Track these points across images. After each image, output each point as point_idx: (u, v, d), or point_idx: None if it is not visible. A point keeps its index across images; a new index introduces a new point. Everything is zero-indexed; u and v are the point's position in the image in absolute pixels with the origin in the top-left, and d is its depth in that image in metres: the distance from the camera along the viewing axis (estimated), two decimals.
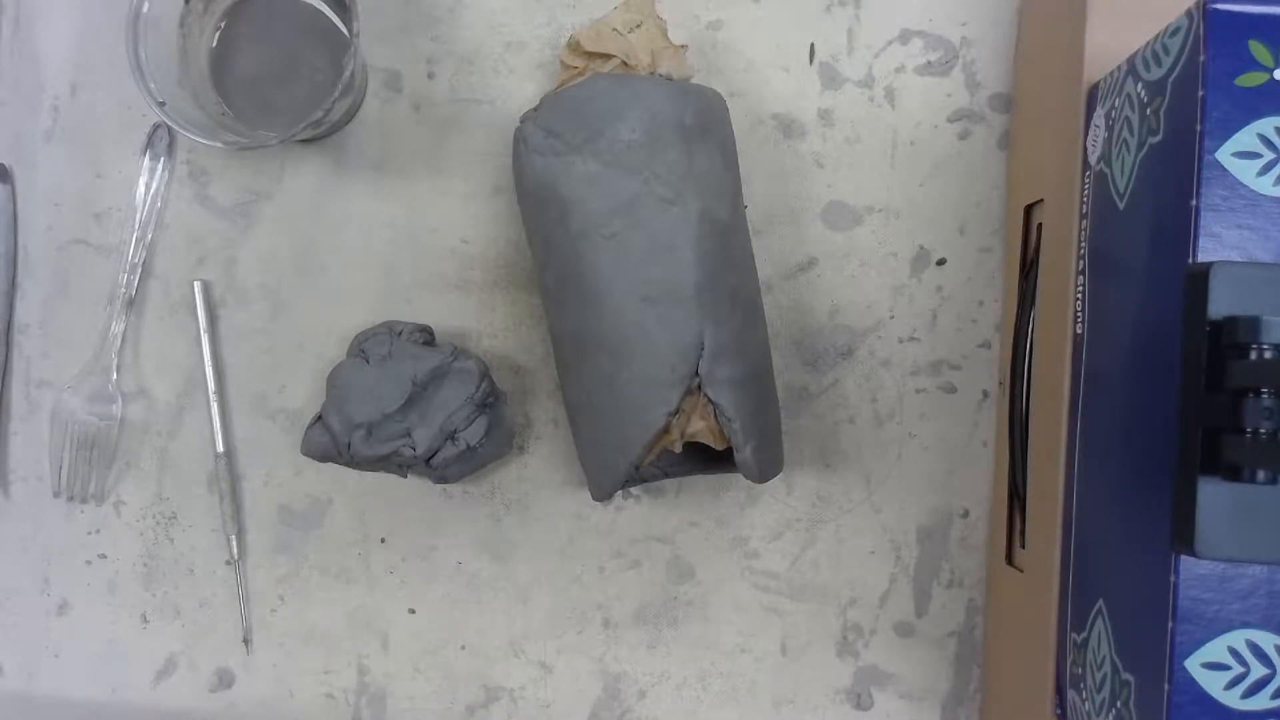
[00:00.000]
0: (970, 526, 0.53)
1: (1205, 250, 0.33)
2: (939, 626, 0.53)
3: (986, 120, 0.52)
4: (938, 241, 0.53)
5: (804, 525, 0.53)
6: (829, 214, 0.53)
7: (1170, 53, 0.36)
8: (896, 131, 0.53)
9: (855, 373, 0.53)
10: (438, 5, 0.53)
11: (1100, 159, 0.41)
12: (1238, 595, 0.33)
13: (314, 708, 0.54)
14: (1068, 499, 0.43)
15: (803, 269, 0.53)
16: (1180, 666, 0.33)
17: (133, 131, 0.53)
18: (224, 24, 0.50)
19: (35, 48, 0.54)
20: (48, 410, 0.54)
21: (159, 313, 0.54)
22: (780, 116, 0.53)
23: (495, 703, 0.54)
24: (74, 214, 0.54)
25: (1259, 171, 0.33)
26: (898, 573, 0.53)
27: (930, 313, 0.53)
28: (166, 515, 0.54)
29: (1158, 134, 0.36)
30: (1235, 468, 0.31)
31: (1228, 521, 0.32)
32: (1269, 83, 0.33)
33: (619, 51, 0.48)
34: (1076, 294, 0.42)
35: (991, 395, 0.53)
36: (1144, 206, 0.37)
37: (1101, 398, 0.40)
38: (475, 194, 0.53)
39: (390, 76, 0.53)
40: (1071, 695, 0.41)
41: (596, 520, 0.53)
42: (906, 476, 0.53)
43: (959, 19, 0.52)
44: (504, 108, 0.53)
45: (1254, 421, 0.31)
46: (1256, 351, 0.31)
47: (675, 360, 0.44)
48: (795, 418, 0.53)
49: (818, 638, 0.53)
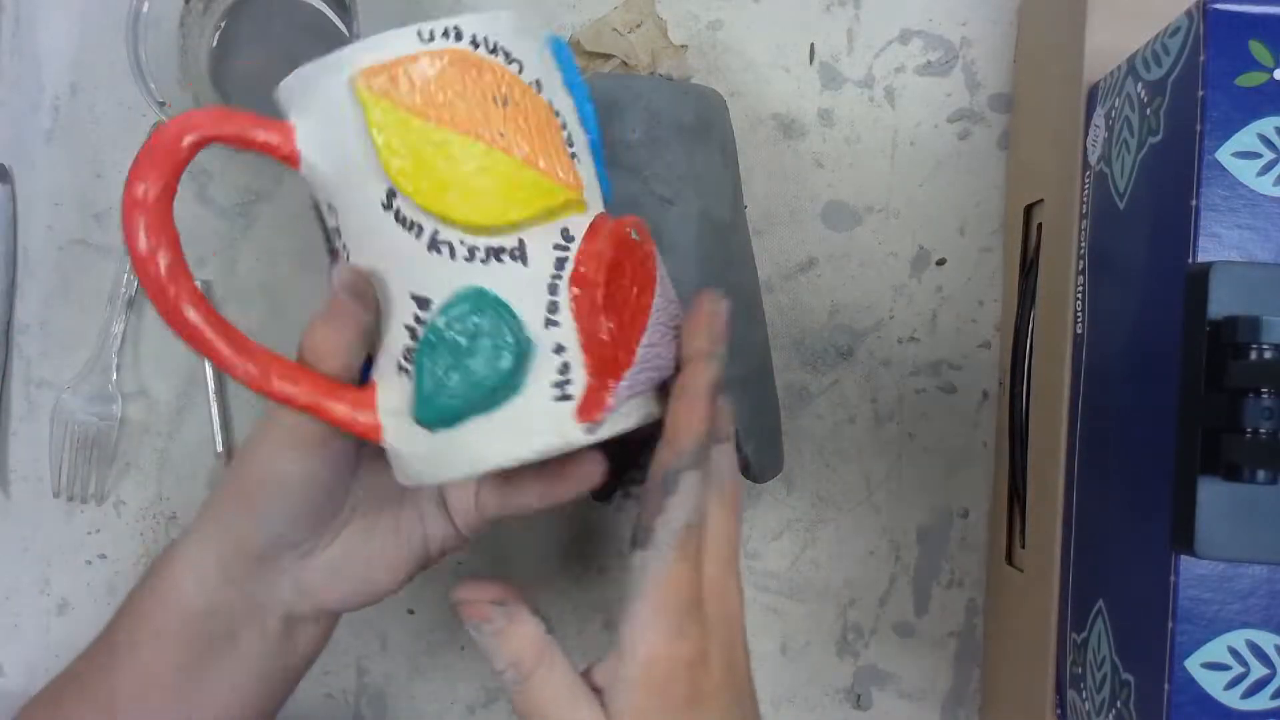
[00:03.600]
0: (970, 526, 0.53)
1: (1205, 250, 0.33)
2: (939, 626, 0.53)
3: (986, 120, 0.52)
4: (938, 241, 0.53)
5: (804, 525, 0.53)
6: (829, 214, 0.53)
7: (1170, 53, 0.36)
8: (896, 131, 0.53)
9: (855, 373, 0.53)
10: (438, 5, 0.53)
11: (1100, 159, 0.41)
12: (1238, 595, 0.33)
13: (314, 708, 0.54)
14: (1068, 499, 0.43)
15: (803, 269, 0.53)
16: (1180, 666, 0.33)
17: (133, 131, 0.53)
18: (224, 24, 0.50)
19: (35, 48, 0.54)
20: (48, 410, 0.54)
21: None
22: (780, 116, 0.53)
23: (495, 703, 0.54)
24: (74, 214, 0.54)
25: (1259, 171, 0.33)
26: (898, 573, 0.53)
27: (930, 313, 0.53)
28: (166, 515, 0.54)
29: (1158, 134, 0.36)
30: (1235, 468, 0.31)
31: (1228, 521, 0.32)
32: (1269, 83, 0.33)
33: (619, 51, 0.48)
34: (1076, 294, 0.42)
35: (991, 395, 0.53)
36: (1144, 206, 0.37)
37: (1101, 398, 0.40)
38: None
39: None
40: (1071, 695, 0.41)
41: (596, 520, 0.53)
42: (906, 476, 0.53)
43: (959, 19, 0.52)
44: None
45: (1254, 421, 0.31)
46: (1256, 351, 0.31)
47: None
48: (795, 418, 0.53)
49: (817, 638, 0.53)
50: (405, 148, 0.31)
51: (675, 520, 0.32)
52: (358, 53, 0.31)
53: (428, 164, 0.31)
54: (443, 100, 0.31)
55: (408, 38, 0.31)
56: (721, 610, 0.33)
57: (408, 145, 0.31)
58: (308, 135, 0.33)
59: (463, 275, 0.32)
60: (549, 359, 0.32)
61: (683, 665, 0.32)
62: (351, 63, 0.31)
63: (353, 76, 0.31)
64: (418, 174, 0.31)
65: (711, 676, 0.33)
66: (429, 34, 0.31)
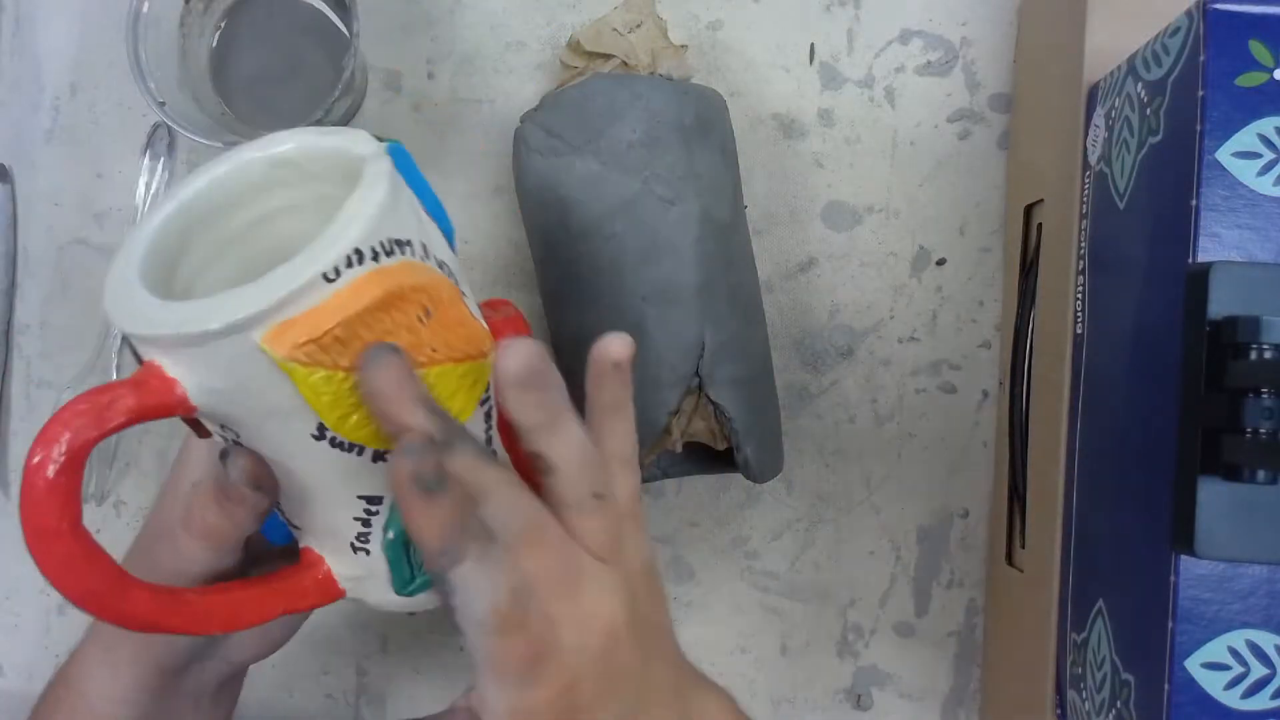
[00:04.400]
0: (970, 526, 0.53)
1: (1205, 250, 0.33)
2: (939, 626, 0.53)
3: (986, 120, 0.52)
4: (938, 241, 0.53)
5: (804, 525, 0.53)
6: (829, 214, 0.53)
7: (1170, 53, 0.36)
8: (896, 131, 0.53)
9: (855, 373, 0.53)
10: (438, 5, 0.53)
11: (1100, 159, 0.41)
12: (1238, 595, 0.33)
13: (314, 708, 0.54)
14: (1068, 499, 0.43)
15: (803, 269, 0.53)
16: (1180, 666, 0.33)
17: (133, 131, 0.53)
18: (224, 24, 0.50)
19: (35, 48, 0.54)
20: (48, 410, 0.53)
21: None
22: (780, 116, 0.53)
23: None
24: (74, 214, 0.54)
25: (1259, 171, 0.33)
26: (898, 573, 0.53)
27: (930, 313, 0.53)
28: None
29: (1158, 134, 0.36)
30: (1235, 468, 0.31)
31: (1227, 521, 0.32)
32: (1269, 83, 0.33)
33: (619, 51, 0.48)
34: (1076, 294, 0.42)
35: (991, 395, 0.53)
36: (1144, 206, 0.37)
37: (1101, 398, 0.40)
38: (475, 194, 0.53)
39: (390, 76, 0.53)
40: (1071, 695, 0.41)
41: None
42: (906, 476, 0.53)
43: (959, 19, 0.52)
44: (504, 108, 0.53)
45: (1254, 421, 0.31)
46: (1256, 351, 0.31)
47: (675, 360, 0.44)
48: (795, 418, 0.53)
49: (817, 638, 0.53)
50: (347, 405, 0.28)
51: (472, 612, 0.30)
52: (260, 313, 0.26)
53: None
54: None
55: (313, 286, 0.27)
56: (579, 633, 0.32)
57: (349, 402, 0.28)
58: (202, 388, 0.28)
59: None
60: None
61: (543, 709, 0.31)
62: (254, 325, 0.27)
63: (261, 342, 0.27)
64: (362, 424, 0.29)
65: (584, 691, 0.32)
66: (334, 271, 0.27)
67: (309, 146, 0.32)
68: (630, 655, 0.33)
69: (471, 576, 0.30)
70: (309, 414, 0.28)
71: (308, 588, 0.33)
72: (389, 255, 0.28)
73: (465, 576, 0.29)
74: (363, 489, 0.31)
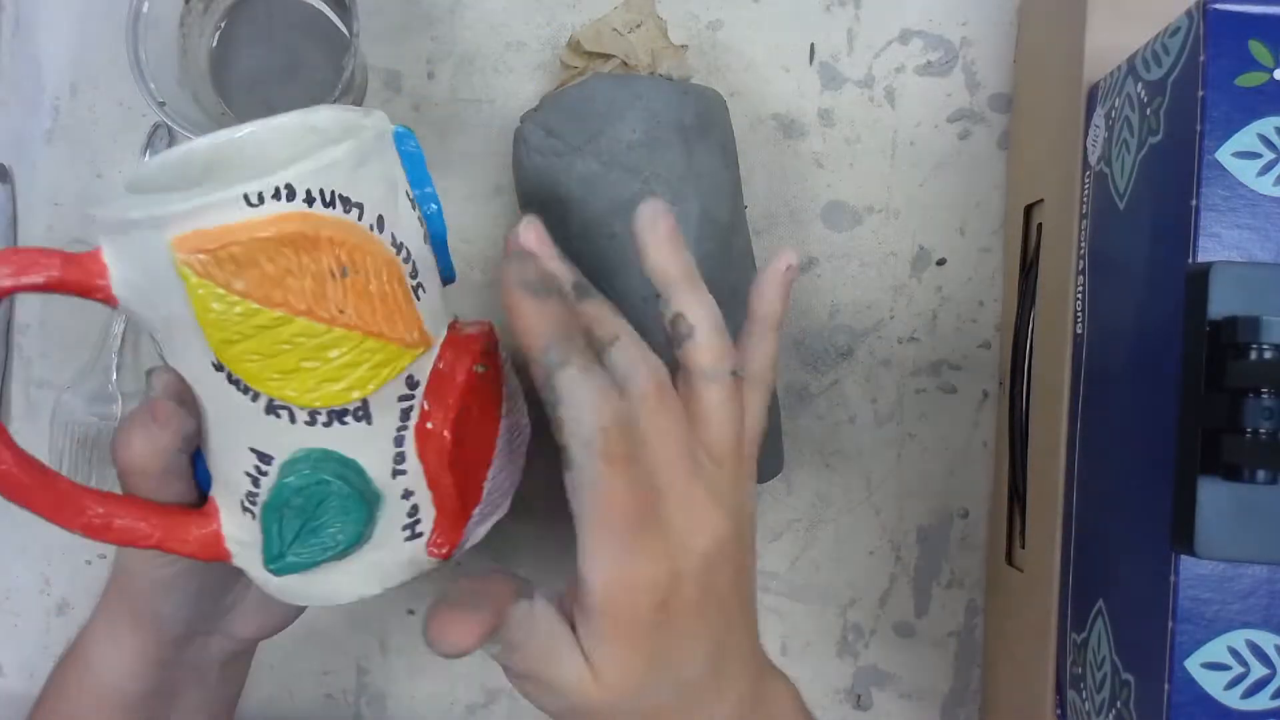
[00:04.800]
0: (970, 526, 0.53)
1: (1205, 250, 0.33)
2: (939, 626, 0.53)
3: (986, 120, 0.52)
4: (938, 241, 0.53)
5: (804, 525, 0.53)
6: (829, 214, 0.53)
7: (1170, 53, 0.36)
8: (896, 131, 0.53)
9: (855, 373, 0.53)
10: (438, 5, 0.53)
11: (1100, 159, 0.41)
12: (1238, 595, 0.33)
13: (314, 708, 0.54)
14: (1068, 499, 0.43)
15: (803, 269, 0.53)
16: (1180, 666, 0.33)
17: (133, 131, 0.53)
18: (224, 24, 0.50)
19: (35, 48, 0.54)
20: (48, 410, 0.53)
21: None
22: (780, 116, 0.53)
23: (495, 703, 0.54)
24: (74, 214, 0.54)
25: (1259, 171, 0.33)
26: (898, 573, 0.53)
27: (930, 313, 0.53)
28: None
29: (1158, 134, 0.36)
30: (1235, 468, 0.31)
31: (1228, 521, 0.32)
32: (1269, 83, 0.33)
33: (619, 51, 0.48)
34: (1076, 294, 0.42)
35: (991, 395, 0.53)
36: (1144, 206, 0.37)
37: (1101, 398, 0.40)
38: (475, 194, 0.53)
39: (390, 76, 0.53)
40: (1071, 695, 0.41)
41: None
42: (906, 476, 0.53)
43: (959, 19, 0.52)
44: (504, 108, 0.53)
45: (1254, 421, 0.31)
46: (1256, 351, 0.31)
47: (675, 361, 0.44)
48: (795, 418, 0.53)
49: (818, 638, 0.53)
50: (234, 331, 0.28)
51: (580, 428, 0.28)
52: (177, 214, 0.27)
53: (259, 348, 0.28)
54: (274, 280, 0.28)
55: (233, 203, 0.27)
56: (688, 521, 0.30)
57: (236, 328, 0.28)
58: (125, 280, 0.29)
59: (304, 438, 0.30)
60: (398, 504, 0.32)
61: (642, 586, 0.29)
62: (170, 225, 0.27)
63: (171, 243, 0.27)
64: (248, 357, 0.28)
65: (683, 592, 0.29)
66: (257, 196, 0.27)
67: (338, 114, 0.34)
68: (726, 586, 0.31)
69: (577, 384, 0.28)
70: (201, 333, 0.29)
71: (191, 535, 0.32)
72: (327, 205, 0.28)
73: (571, 383, 0.28)
74: (255, 441, 0.31)
